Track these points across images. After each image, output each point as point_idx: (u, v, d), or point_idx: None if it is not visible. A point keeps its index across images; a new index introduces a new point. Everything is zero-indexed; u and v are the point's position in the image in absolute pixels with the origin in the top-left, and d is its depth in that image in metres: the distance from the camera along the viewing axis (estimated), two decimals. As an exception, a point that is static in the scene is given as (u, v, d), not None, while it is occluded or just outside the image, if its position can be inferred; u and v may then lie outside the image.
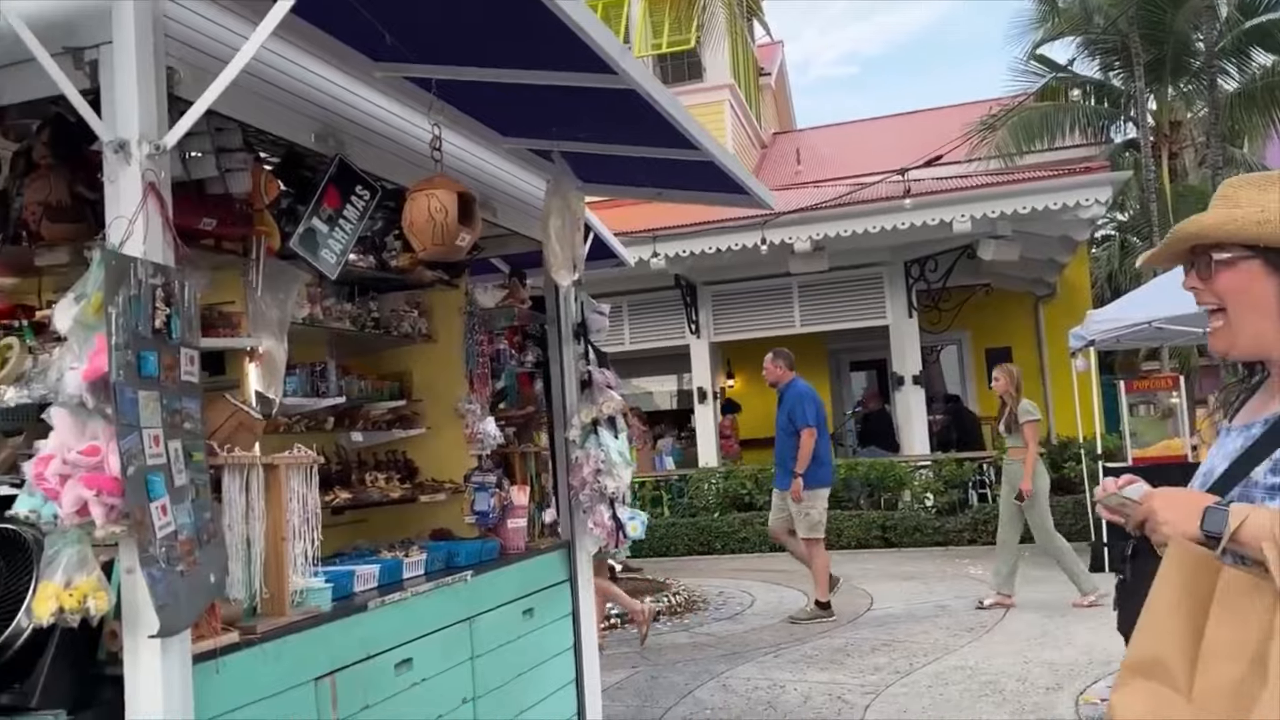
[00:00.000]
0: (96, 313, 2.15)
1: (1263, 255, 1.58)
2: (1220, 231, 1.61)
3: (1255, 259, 1.59)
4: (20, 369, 2.61)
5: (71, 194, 2.60)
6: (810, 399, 7.80)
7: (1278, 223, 1.56)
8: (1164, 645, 1.46)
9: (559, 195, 3.57)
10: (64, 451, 2.10)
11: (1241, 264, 1.59)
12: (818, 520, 7.66)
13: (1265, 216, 1.57)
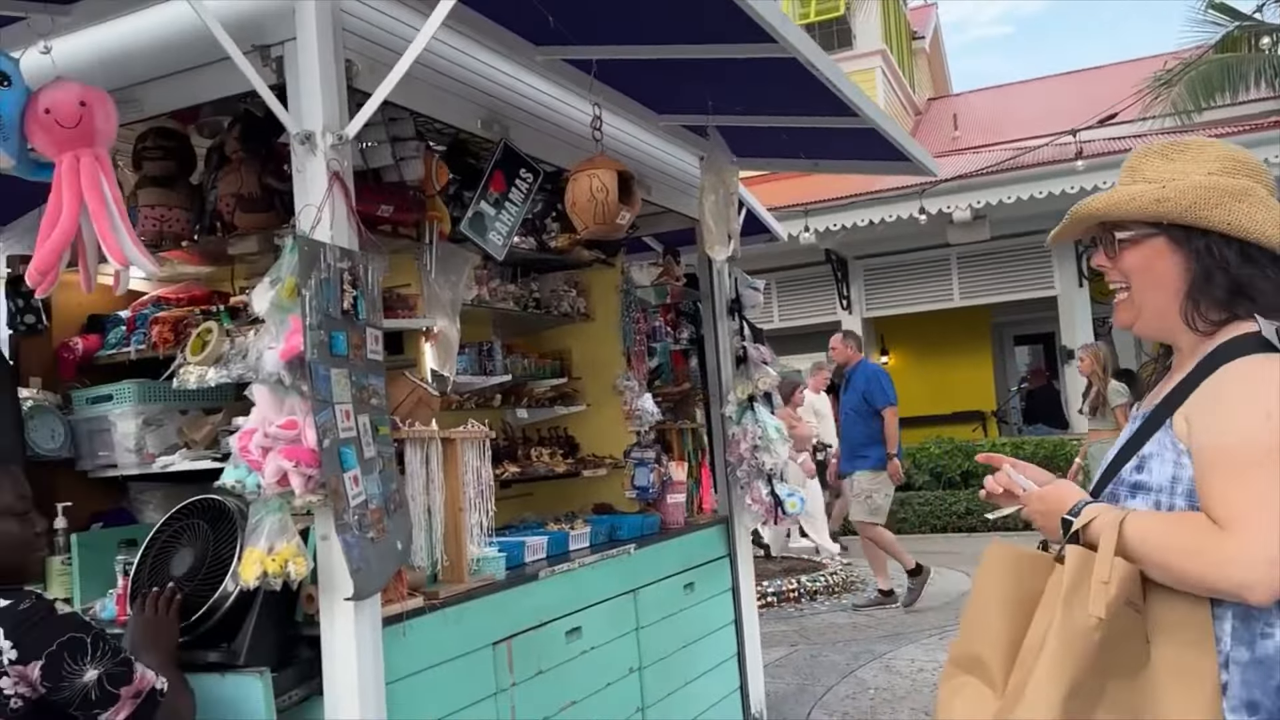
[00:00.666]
0: (290, 296, 2.29)
1: (1166, 232, 1.51)
2: (1119, 211, 1.54)
3: (1159, 236, 1.52)
4: (219, 351, 2.79)
5: (261, 185, 2.77)
6: (885, 377, 7.54)
7: (1176, 199, 1.48)
8: (984, 642, 1.46)
9: (714, 170, 3.56)
10: (265, 425, 2.24)
11: (1145, 242, 1.53)
12: (880, 505, 7.35)
13: (1164, 194, 1.49)
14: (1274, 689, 1.37)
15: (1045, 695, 1.35)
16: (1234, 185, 1.49)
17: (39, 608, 1.78)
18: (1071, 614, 1.37)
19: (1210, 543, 1.34)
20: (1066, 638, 1.36)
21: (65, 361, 3.12)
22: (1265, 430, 1.34)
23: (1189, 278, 1.50)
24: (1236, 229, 1.47)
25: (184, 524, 2.52)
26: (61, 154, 2.07)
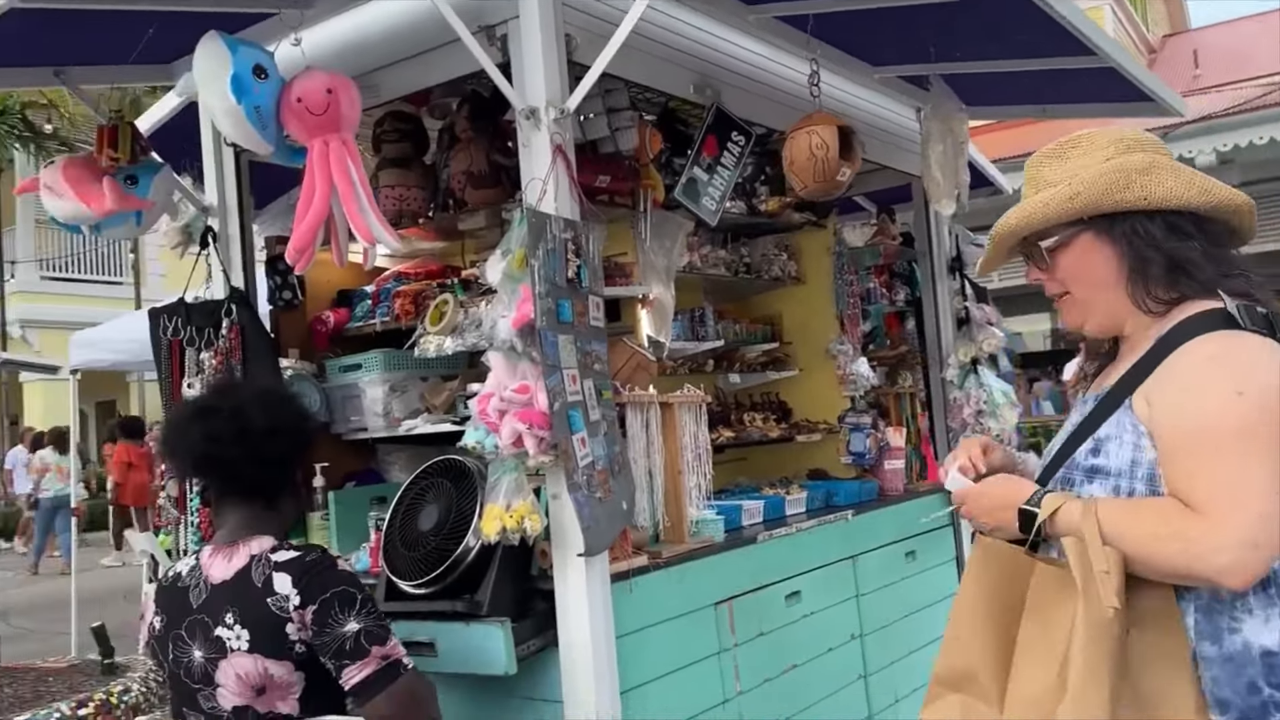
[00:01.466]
0: (520, 266, 2.39)
1: (1089, 226, 1.47)
2: (1036, 219, 1.50)
3: (1085, 232, 1.48)
4: (455, 321, 2.96)
5: (489, 162, 2.90)
6: None
7: (1087, 191, 1.44)
8: (972, 655, 1.37)
9: (940, 119, 3.41)
10: (500, 390, 2.36)
11: (1073, 242, 1.49)
12: None
13: (1075, 189, 1.45)
14: (1244, 686, 1.30)
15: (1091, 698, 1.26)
16: (1137, 161, 1.44)
17: (323, 560, 1.94)
18: (1091, 608, 1.29)
19: (1183, 527, 1.28)
20: (1094, 634, 1.28)
21: (318, 334, 3.39)
22: (1235, 408, 1.28)
23: (1125, 264, 1.46)
24: (1155, 202, 1.42)
25: (429, 482, 2.70)
26: (312, 139, 2.24)
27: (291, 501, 2.13)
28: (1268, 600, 1.33)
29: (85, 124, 16.32)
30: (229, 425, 1.97)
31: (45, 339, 16.63)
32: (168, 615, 1.98)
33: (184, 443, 2.02)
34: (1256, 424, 1.27)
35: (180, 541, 3.10)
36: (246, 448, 1.97)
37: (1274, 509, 1.25)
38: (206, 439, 1.97)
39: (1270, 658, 1.31)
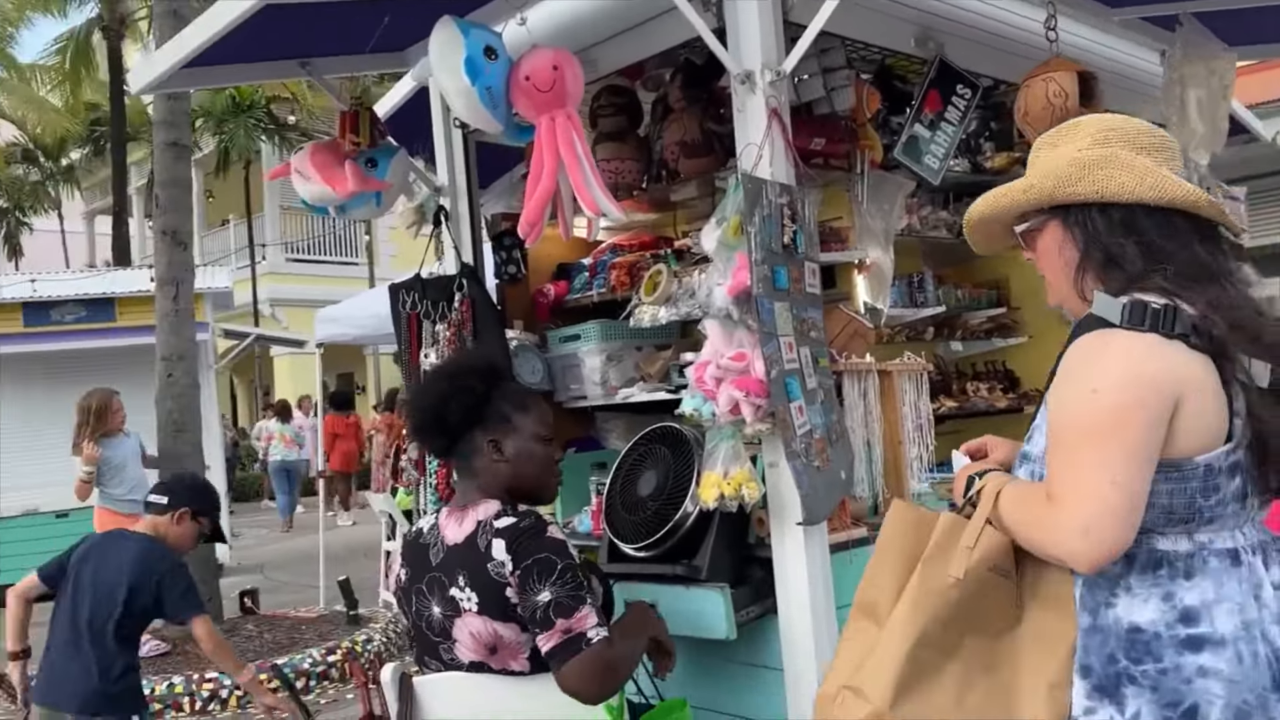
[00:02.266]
0: (735, 234, 2.38)
1: (1054, 214, 1.54)
2: (1000, 209, 1.60)
3: (1051, 219, 1.55)
4: (669, 291, 2.98)
5: (702, 130, 2.89)
6: None
7: (1040, 184, 1.52)
8: (877, 589, 1.55)
9: (1200, 61, 3.11)
10: (717, 358, 2.37)
11: (1043, 228, 1.56)
12: None
13: (1031, 181, 1.54)
14: (1106, 656, 1.41)
15: (894, 642, 1.46)
16: (1095, 156, 1.49)
17: (535, 526, 1.97)
18: (929, 573, 1.48)
19: (1041, 514, 1.41)
20: (919, 593, 1.48)
21: (540, 305, 3.51)
22: (1088, 405, 1.37)
23: (1076, 254, 1.52)
24: (1106, 195, 1.47)
25: (647, 449, 2.75)
26: (539, 116, 2.31)
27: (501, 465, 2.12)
28: (1153, 581, 1.41)
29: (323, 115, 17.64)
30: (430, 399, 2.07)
31: (291, 315, 18.18)
32: (411, 569, 2.09)
33: (419, 409, 2.14)
34: (1104, 421, 1.36)
35: (420, 501, 3.32)
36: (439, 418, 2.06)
37: (1107, 501, 1.34)
38: (417, 410, 2.09)
39: (1135, 634, 1.40)
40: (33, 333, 8.70)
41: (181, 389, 6.20)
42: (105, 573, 2.89)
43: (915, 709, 1.43)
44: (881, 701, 1.43)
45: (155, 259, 6.54)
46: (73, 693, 2.80)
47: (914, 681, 1.44)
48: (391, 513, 7.05)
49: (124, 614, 2.83)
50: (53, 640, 2.93)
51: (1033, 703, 1.44)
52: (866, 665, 1.48)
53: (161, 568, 2.90)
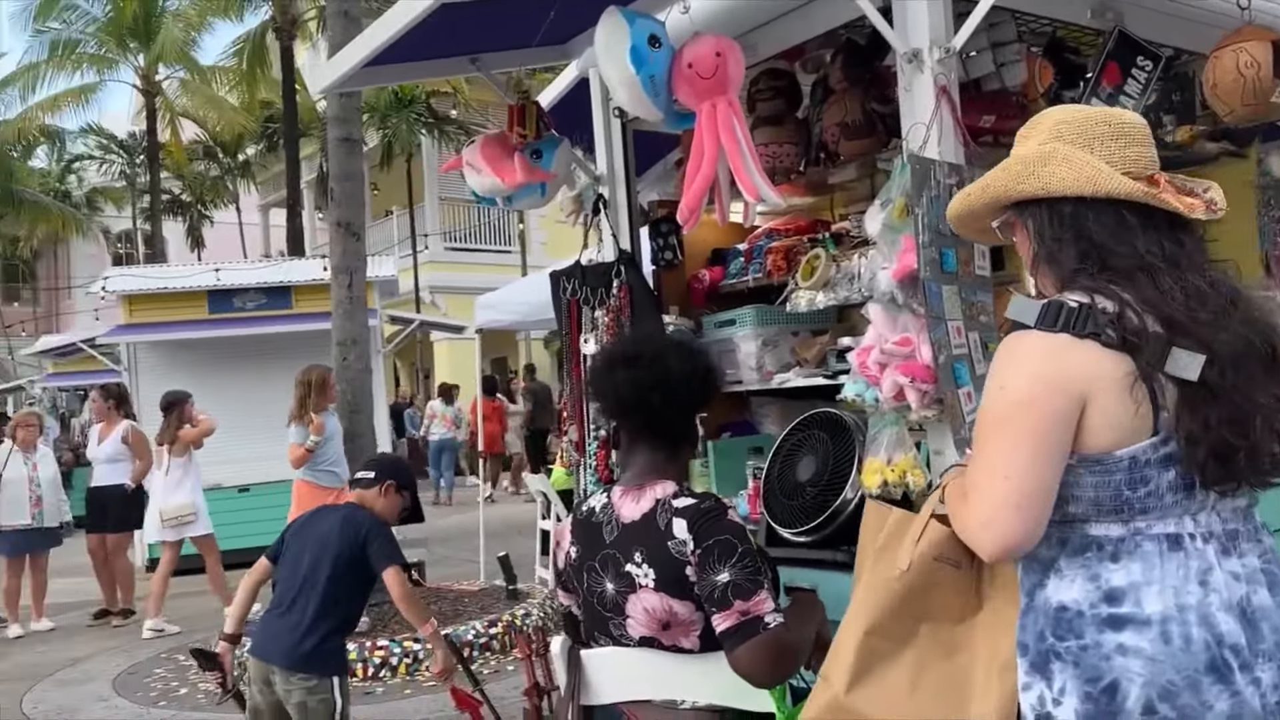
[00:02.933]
0: (901, 216, 2.34)
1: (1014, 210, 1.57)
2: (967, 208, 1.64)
3: (1014, 215, 1.58)
4: (826, 276, 2.95)
5: (864, 111, 2.85)
6: None
7: (996, 181, 1.56)
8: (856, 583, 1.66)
9: None
10: (881, 343, 2.34)
11: (1014, 223, 1.59)
12: None
13: (986, 181, 1.58)
14: (1037, 633, 1.45)
15: (848, 631, 1.59)
16: (1040, 152, 1.51)
17: (716, 508, 2.01)
18: (879, 566, 1.61)
19: (958, 507, 1.51)
20: (869, 585, 1.61)
21: (695, 291, 3.54)
22: (997, 402, 1.44)
23: (1032, 250, 1.56)
24: (1055, 191, 1.48)
25: (805, 434, 2.74)
26: (701, 103, 2.33)
27: (690, 449, 2.23)
28: (1081, 563, 1.44)
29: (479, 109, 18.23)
30: (651, 373, 2.08)
31: (450, 302, 18.88)
32: (582, 547, 2.13)
33: (607, 387, 2.15)
34: (1007, 417, 1.42)
35: (580, 482, 3.41)
36: (665, 394, 2.07)
37: (1002, 494, 1.39)
38: (629, 384, 2.09)
39: (1061, 612, 1.44)
40: (217, 319, 9.35)
41: (355, 372, 6.55)
42: (316, 539, 3.09)
43: (869, 693, 1.55)
44: (840, 686, 1.56)
45: (330, 249, 6.91)
46: (281, 649, 3.01)
47: (868, 667, 1.56)
48: (546, 492, 7.26)
49: (331, 575, 3.02)
50: (272, 602, 3.17)
51: (985, 684, 1.53)
52: (830, 653, 1.62)
53: (367, 523, 3.09)
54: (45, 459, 7.55)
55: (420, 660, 5.28)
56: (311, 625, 2.99)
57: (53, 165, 28.07)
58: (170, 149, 22.65)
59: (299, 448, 5.90)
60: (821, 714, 1.60)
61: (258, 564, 3.28)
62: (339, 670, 3.04)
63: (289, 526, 3.30)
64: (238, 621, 3.24)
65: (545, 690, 3.08)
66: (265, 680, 3.03)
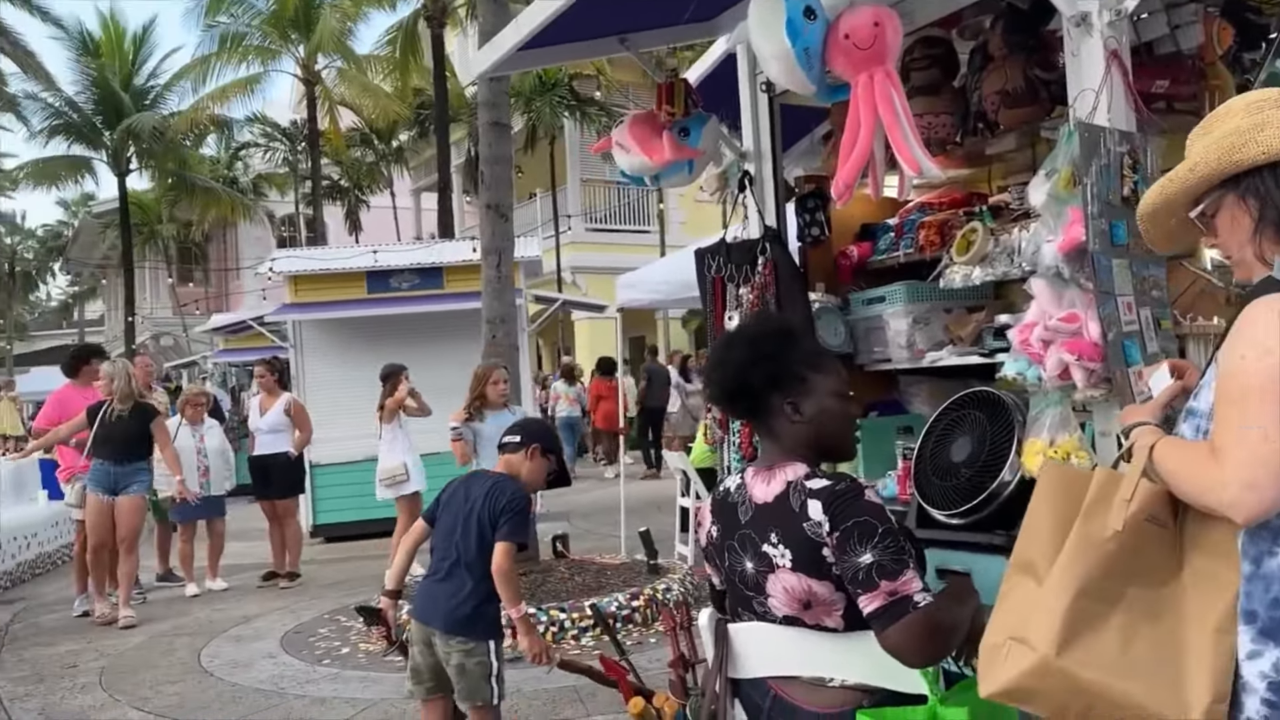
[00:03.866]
0: (1068, 186, 2.24)
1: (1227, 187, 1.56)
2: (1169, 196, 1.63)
3: (1226, 194, 1.57)
4: (984, 250, 2.86)
5: (1026, 78, 2.74)
6: None
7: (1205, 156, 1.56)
8: (1034, 547, 1.64)
9: None
10: (1044, 319, 2.25)
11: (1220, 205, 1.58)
12: None
13: (1193, 161, 1.58)
14: (1270, 601, 1.44)
15: (1057, 594, 1.54)
16: (1251, 122, 1.52)
17: (852, 489, 1.97)
18: (1088, 526, 1.57)
19: (1203, 467, 1.47)
20: (1080, 546, 1.56)
21: (843, 267, 3.49)
22: (1259, 365, 1.42)
23: (1253, 220, 1.54)
24: (1273, 153, 1.49)
25: (960, 414, 2.67)
26: (857, 75, 2.29)
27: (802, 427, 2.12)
28: None
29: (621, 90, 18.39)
30: (722, 363, 2.10)
31: (590, 281, 19.18)
32: (722, 526, 2.15)
33: (718, 373, 2.17)
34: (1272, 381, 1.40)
35: (724, 459, 3.42)
36: (732, 382, 2.08)
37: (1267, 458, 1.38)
38: (712, 373, 2.12)
39: None
40: (375, 298, 9.78)
41: (503, 349, 6.75)
42: (466, 508, 3.22)
43: (1081, 656, 1.51)
44: (1048, 648, 1.51)
45: (480, 231, 7.13)
46: (440, 613, 3.16)
47: (1078, 630, 1.52)
48: (686, 470, 7.31)
49: (479, 545, 3.14)
50: (430, 567, 3.33)
51: (1199, 648, 1.49)
52: (1031, 618, 1.56)
53: (507, 497, 3.18)
54: (212, 431, 8.04)
55: (566, 628, 5.42)
56: (469, 592, 3.11)
57: (221, 153, 29.90)
58: (329, 136, 23.77)
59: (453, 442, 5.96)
60: (1027, 679, 1.56)
61: (416, 525, 3.44)
62: (495, 635, 3.15)
63: (444, 490, 3.42)
64: (398, 579, 3.40)
65: (690, 662, 3.12)
66: (426, 642, 3.18)
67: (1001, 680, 1.59)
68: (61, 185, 27.89)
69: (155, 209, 29.34)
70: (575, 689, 4.57)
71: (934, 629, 1.87)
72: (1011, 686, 1.58)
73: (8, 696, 5.09)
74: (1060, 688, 1.53)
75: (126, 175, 25.16)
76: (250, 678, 5.23)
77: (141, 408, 6.80)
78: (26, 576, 8.56)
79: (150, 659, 5.72)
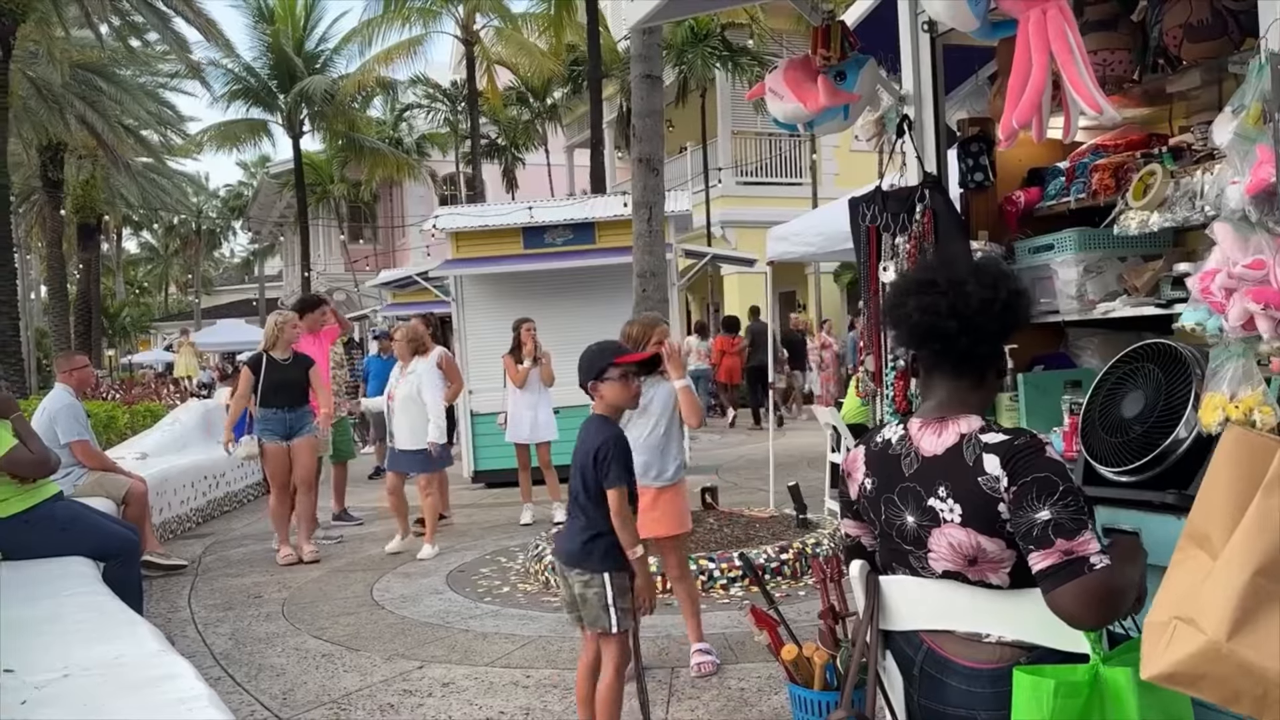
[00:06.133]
0: (1256, 123, 2.08)
1: None
2: None
3: None
4: (1163, 194, 2.69)
5: (1213, 9, 2.55)
6: None
7: None
8: (1210, 521, 1.56)
9: None
10: (1229, 265, 2.11)
11: None
12: None
13: None
14: None
15: (1233, 572, 1.44)
16: None
17: (1032, 444, 1.90)
18: (1271, 500, 1.47)
19: None
20: (1260, 522, 1.47)
21: (1008, 214, 3.35)
22: None
23: None
24: None
25: (1133, 367, 2.54)
26: (1029, 9, 2.18)
27: (996, 380, 2.10)
28: None
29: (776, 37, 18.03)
30: (947, 299, 1.98)
31: (740, 236, 19.04)
32: (879, 479, 2.09)
33: (901, 314, 2.07)
34: None
35: (876, 413, 3.38)
36: (963, 321, 1.97)
37: None
38: (924, 311, 2.00)
39: None
40: (530, 254, 10.03)
41: (654, 303, 6.82)
42: (579, 450, 3.33)
43: (1255, 640, 1.41)
44: (1218, 633, 1.42)
45: (632, 184, 7.19)
46: (564, 550, 3.33)
47: (1254, 613, 1.42)
48: (836, 425, 7.23)
49: (584, 485, 3.25)
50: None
51: None
52: (1201, 595, 1.48)
53: (599, 440, 3.23)
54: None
55: (715, 578, 5.49)
56: (581, 528, 3.26)
57: (387, 114, 31.11)
58: (487, 95, 24.33)
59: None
60: (1193, 663, 1.49)
61: None
62: (609, 567, 3.24)
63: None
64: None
65: (840, 614, 3.12)
66: (563, 575, 3.35)
67: (1164, 664, 1.52)
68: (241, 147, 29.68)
69: (327, 169, 30.85)
70: (725, 636, 4.64)
71: (1109, 593, 1.80)
72: (1175, 670, 1.50)
73: (201, 622, 5.58)
74: (1231, 673, 1.44)
75: (300, 137, 26.54)
76: (418, 611, 5.55)
77: (299, 356, 7.16)
78: (216, 513, 9.29)
79: (328, 592, 6.14)
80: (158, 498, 7.63)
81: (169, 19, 18.65)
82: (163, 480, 8.02)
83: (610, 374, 3.29)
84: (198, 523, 8.83)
